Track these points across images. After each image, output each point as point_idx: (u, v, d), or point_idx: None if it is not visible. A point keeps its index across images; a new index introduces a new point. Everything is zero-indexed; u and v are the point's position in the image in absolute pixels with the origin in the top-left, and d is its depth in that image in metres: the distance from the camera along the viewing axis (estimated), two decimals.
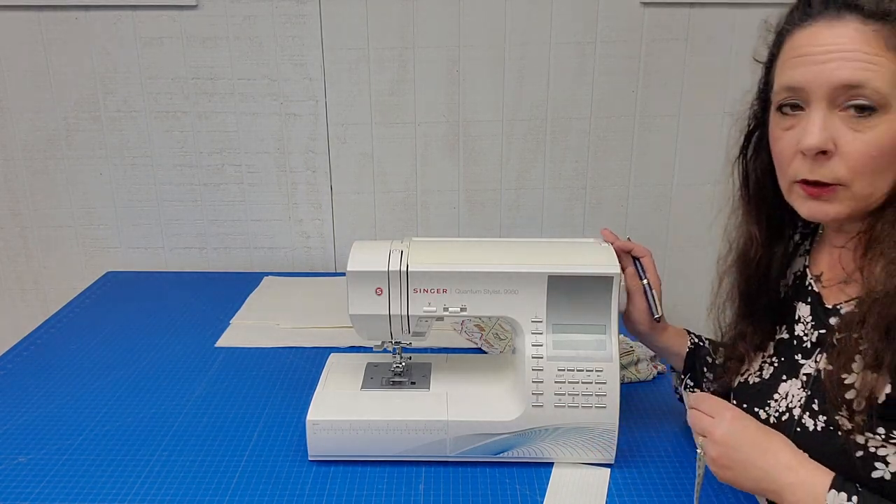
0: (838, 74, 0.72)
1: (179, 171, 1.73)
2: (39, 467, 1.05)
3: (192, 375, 1.30)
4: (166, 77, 1.66)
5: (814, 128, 0.74)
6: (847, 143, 0.73)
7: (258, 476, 1.03)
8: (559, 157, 1.75)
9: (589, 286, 1.03)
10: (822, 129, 0.74)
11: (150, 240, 1.79)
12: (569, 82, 1.70)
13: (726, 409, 0.83)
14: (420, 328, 1.08)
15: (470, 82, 1.69)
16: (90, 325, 1.49)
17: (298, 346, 1.40)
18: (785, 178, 0.80)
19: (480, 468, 1.05)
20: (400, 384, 1.11)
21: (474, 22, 1.64)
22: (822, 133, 0.74)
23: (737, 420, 0.81)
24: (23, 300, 1.83)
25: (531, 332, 1.03)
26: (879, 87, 0.71)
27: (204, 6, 1.62)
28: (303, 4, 1.62)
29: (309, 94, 1.69)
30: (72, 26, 1.62)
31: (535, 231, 1.81)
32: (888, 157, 0.73)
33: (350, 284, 1.04)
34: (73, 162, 1.72)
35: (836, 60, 0.72)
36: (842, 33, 0.72)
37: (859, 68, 0.71)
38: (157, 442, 1.11)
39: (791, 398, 0.86)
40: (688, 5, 1.64)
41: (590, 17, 1.65)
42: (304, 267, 1.82)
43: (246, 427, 1.15)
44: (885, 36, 0.71)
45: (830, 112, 0.74)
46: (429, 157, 1.75)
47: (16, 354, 1.37)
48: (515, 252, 1.06)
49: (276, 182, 1.75)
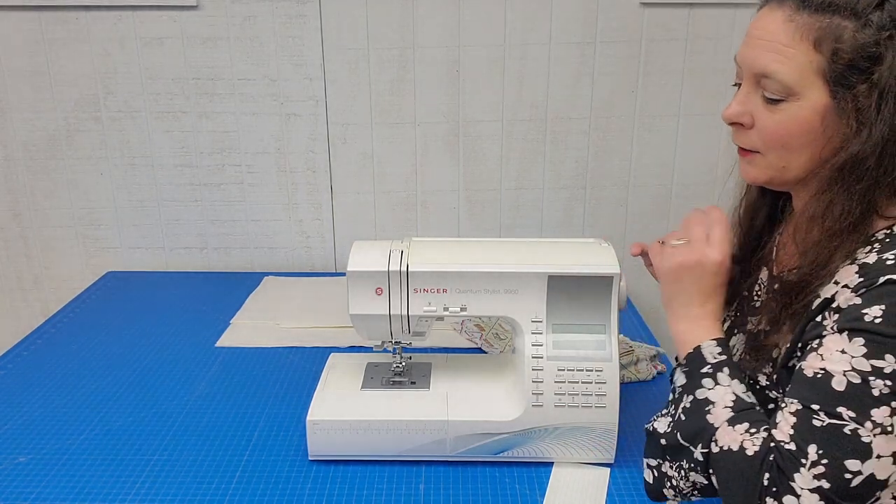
0: (756, 62, 0.78)
1: (179, 171, 1.73)
2: (39, 467, 1.05)
3: (192, 375, 1.30)
4: (167, 77, 1.66)
5: (733, 101, 0.82)
6: (761, 119, 0.80)
7: (258, 476, 1.03)
8: (559, 157, 1.75)
9: (589, 286, 1.03)
10: (739, 103, 0.81)
11: (151, 240, 1.79)
12: (569, 82, 1.70)
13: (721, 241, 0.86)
14: (420, 328, 1.08)
15: (470, 82, 1.69)
16: (90, 325, 1.49)
17: (298, 346, 1.40)
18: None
19: (480, 468, 1.05)
20: (400, 384, 1.12)
21: (474, 22, 1.64)
22: (737, 107, 0.81)
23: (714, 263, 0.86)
24: (23, 300, 1.83)
25: (531, 332, 1.03)
26: (785, 80, 0.76)
27: (204, 6, 1.62)
28: (303, 4, 1.62)
29: (309, 94, 1.69)
30: (72, 26, 1.62)
31: (535, 231, 1.81)
32: (797, 137, 0.78)
33: (350, 284, 1.04)
34: (74, 162, 1.72)
35: (758, 47, 0.78)
36: (772, 19, 0.77)
37: (772, 59, 0.76)
38: (157, 442, 1.11)
39: (736, 351, 0.93)
40: (688, 5, 1.64)
41: (590, 17, 1.65)
42: (304, 267, 1.82)
43: (246, 427, 1.15)
44: (805, 27, 0.74)
45: (755, 90, 0.80)
46: (429, 157, 1.75)
47: (16, 354, 1.37)
48: (515, 252, 1.06)
49: (276, 182, 1.75)
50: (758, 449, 0.74)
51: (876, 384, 0.68)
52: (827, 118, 0.76)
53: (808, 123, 0.77)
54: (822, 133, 0.77)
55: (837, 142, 0.76)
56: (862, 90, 0.73)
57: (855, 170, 0.75)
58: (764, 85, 0.78)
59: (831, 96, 0.75)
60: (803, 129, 0.77)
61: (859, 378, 0.69)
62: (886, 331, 0.69)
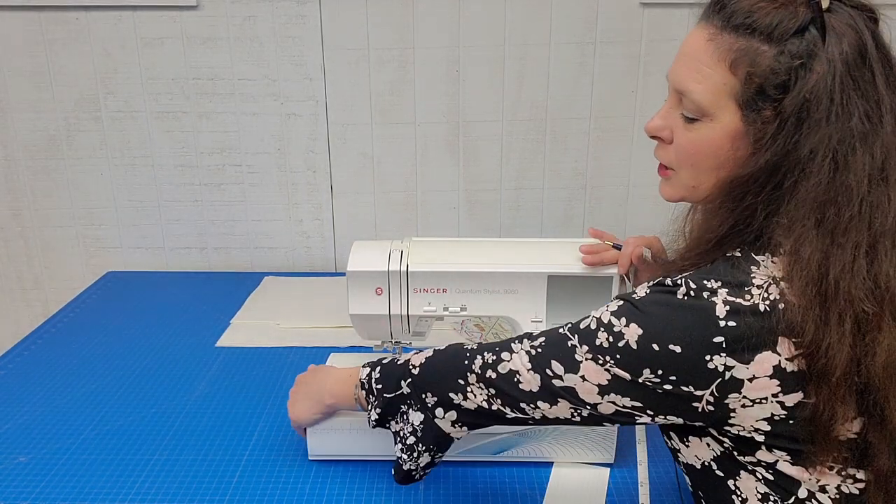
0: (676, 77, 0.78)
1: (180, 171, 1.73)
2: (39, 467, 1.05)
3: (193, 375, 1.30)
4: (167, 77, 1.66)
5: (656, 115, 0.81)
6: (678, 136, 0.79)
7: (258, 476, 1.03)
8: (559, 157, 1.75)
9: (589, 286, 1.03)
10: (661, 117, 0.81)
11: (151, 240, 1.79)
12: (569, 82, 1.70)
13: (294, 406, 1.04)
14: (420, 328, 1.08)
15: (470, 82, 1.69)
16: (90, 325, 1.49)
17: (298, 346, 1.40)
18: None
19: (480, 468, 1.05)
20: None
21: (474, 22, 1.64)
22: (659, 121, 0.81)
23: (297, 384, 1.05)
24: (23, 300, 1.83)
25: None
26: (698, 100, 0.75)
27: (204, 6, 1.62)
28: (303, 4, 1.62)
29: (309, 94, 1.69)
30: (72, 26, 1.62)
31: (535, 231, 1.81)
32: (706, 158, 0.77)
33: (350, 284, 1.04)
34: (74, 162, 1.72)
35: (682, 64, 0.77)
36: (698, 37, 0.76)
37: (690, 78, 0.75)
38: (157, 441, 1.11)
39: None
40: (687, 5, 1.64)
41: (590, 17, 1.65)
42: (304, 267, 1.82)
43: (246, 427, 1.15)
44: (723, 48, 0.73)
45: (678, 105, 0.79)
46: (429, 157, 1.75)
47: (16, 354, 1.37)
48: (515, 252, 1.06)
49: (276, 182, 1.75)
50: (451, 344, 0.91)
51: (601, 335, 0.75)
52: (737, 141, 0.74)
53: (717, 145, 0.75)
54: (731, 155, 0.75)
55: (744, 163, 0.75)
56: (767, 116, 0.71)
57: (737, 189, 0.74)
58: (683, 103, 0.77)
59: (742, 120, 0.73)
60: (713, 150, 0.76)
61: (595, 324, 0.77)
62: (636, 301, 0.75)
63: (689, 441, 0.80)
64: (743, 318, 0.69)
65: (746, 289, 0.70)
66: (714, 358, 0.70)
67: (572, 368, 0.77)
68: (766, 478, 0.75)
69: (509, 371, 0.81)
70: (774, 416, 0.71)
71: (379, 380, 0.92)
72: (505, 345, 0.84)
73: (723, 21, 0.73)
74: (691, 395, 0.72)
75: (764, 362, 0.69)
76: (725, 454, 0.77)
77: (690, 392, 0.72)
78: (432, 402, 0.87)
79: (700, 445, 0.79)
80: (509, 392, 0.81)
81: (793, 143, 0.70)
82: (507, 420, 0.84)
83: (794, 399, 0.70)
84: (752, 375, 0.69)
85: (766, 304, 0.69)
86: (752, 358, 0.69)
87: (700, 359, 0.70)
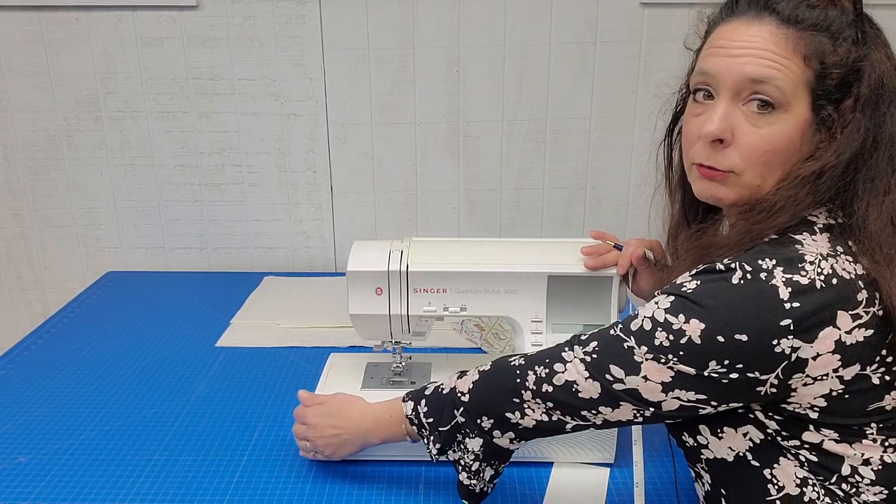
0: (747, 69, 0.76)
1: (180, 171, 1.73)
2: (39, 467, 1.05)
3: (192, 375, 1.30)
4: (167, 77, 1.66)
5: (715, 116, 0.79)
6: (744, 135, 0.78)
7: (258, 476, 1.03)
8: (559, 157, 1.75)
9: (589, 286, 1.03)
10: (722, 118, 0.78)
11: (151, 240, 1.79)
12: (569, 82, 1.70)
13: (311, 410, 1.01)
14: (420, 328, 1.08)
15: (470, 82, 1.69)
16: (90, 325, 1.49)
17: (298, 346, 1.40)
18: (687, 158, 0.86)
19: None
20: (400, 384, 1.12)
21: (474, 22, 1.64)
22: (721, 123, 0.78)
23: (318, 416, 1.00)
24: (23, 300, 1.83)
25: (531, 332, 1.03)
26: (781, 86, 0.75)
27: (204, 6, 1.62)
28: (303, 4, 1.62)
29: (309, 94, 1.69)
30: (72, 26, 1.62)
31: (535, 231, 1.81)
32: (780, 153, 0.77)
33: (350, 284, 1.04)
34: (74, 162, 1.72)
35: (747, 56, 0.77)
36: (757, 33, 0.77)
37: (766, 66, 0.76)
38: (157, 442, 1.11)
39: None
40: (687, 5, 1.63)
41: (590, 18, 1.65)
42: (304, 267, 1.82)
43: (246, 427, 1.15)
44: (795, 41, 0.75)
45: (734, 105, 0.78)
46: (429, 157, 1.75)
47: (16, 354, 1.37)
48: (515, 252, 1.06)
49: (276, 182, 1.75)
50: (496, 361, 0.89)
51: (660, 335, 0.75)
52: (805, 134, 0.77)
53: (791, 138, 0.77)
54: (799, 148, 0.77)
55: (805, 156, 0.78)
56: (847, 105, 0.75)
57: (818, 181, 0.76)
58: (759, 90, 0.76)
59: (812, 110, 0.76)
60: (786, 144, 0.77)
61: (650, 325, 0.76)
62: (691, 295, 0.74)
63: (724, 433, 0.80)
64: (805, 297, 0.71)
65: (800, 265, 0.72)
66: (781, 342, 0.71)
67: (633, 370, 0.76)
68: (810, 460, 0.76)
69: (566, 382, 0.80)
70: (832, 392, 0.73)
71: (428, 413, 0.90)
72: (555, 355, 0.82)
73: (779, 17, 0.76)
74: (756, 380, 0.73)
75: (826, 339, 0.71)
76: (766, 441, 0.78)
77: (756, 377, 0.73)
78: (489, 426, 0.86)
79: (735, 436, 0.79)
80: (569, 402, 0.80)
81: (874, 125, 0.75)
82: (567, 430, 0.84)
83: (852, 372, 0.72)
84: (816, 353, 0.71)
85: (821, 279, 0.71)
86: (815, 336, 0.71)
87: (767, 344, 0.71)
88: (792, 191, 0.77)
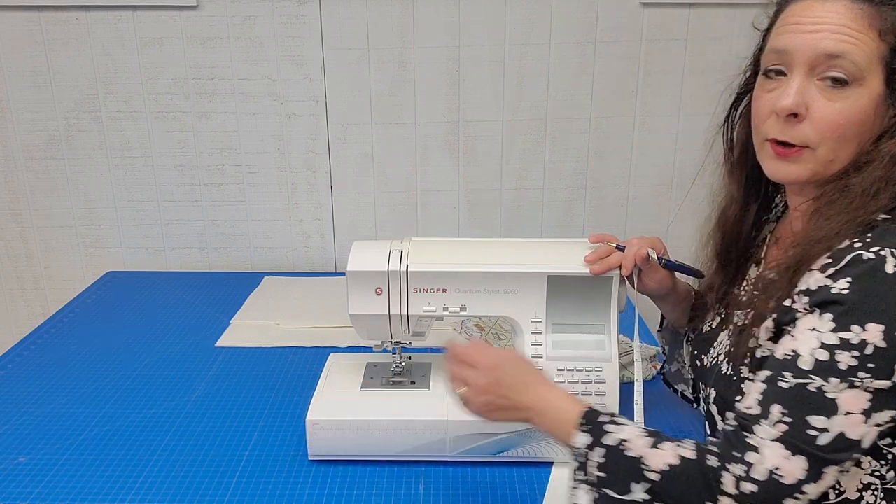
0: (822, 44, 0.77)
1: (179, 171, 1.73)
2: (39, 467, 1.05)
3: (192, 375, 1.30)
4: (166, 77, 1.66)
5: (791, 90, 0.79)
6: (818, 108, 0.78)
7: (258, 476, 1.03)
8: (559, 157, 1.75)
9: (588, 286, 1.03)
10: (798, 93, 0.79)
11: (151, 240, 1.79)
12: (569, 82, 1.70)
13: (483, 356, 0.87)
14: (420, 328, 1.08)
15: (470, 82, 1.69)
16: (90, 325, 1.49)
17: (298, 346, 1.40)
18: (758, 135, 0.85)
19: (480, 468, 1.05)
20: (400, 384, 1.11)
21: (474, 22, 1.64)
22: (797, 97, 0.78)
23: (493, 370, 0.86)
24: (23, 300, 1.83)
25: (531, 332, 1.03)
26: (857, 61, 0.76)
27: (204, 6, 1.62)
28: (303, 4, 1.62)
29: (309, 94, 1.69)
30: (72, 26, 1.62)
31: (535, 231, 1.81)
32: (854, 127, 0.78)
33: (350, 284, 1.04)
34: (74, 162, 1.72)
35: (822, 31, 0.77)
36: (831, 8, 0.77)
37: (841, 41, 0.76)
38: (157, 442, 1.11)
39: (723, 346, 0.92)
40: (687, 5, 1.64)
41: (590, 17, 1.65)
42: (304, 267, 1.82)
43: (246, 427, 1.15)
44: (870, 16, 0.76)
45: (809, 80, 0.79)
46: (429, 157, 1.75)
47: (16, 354, 1.37)
48: (515, 252, 1.06)
49: (276, 182, 1.75)
50: (696, 452, 0.74)
51: (842, 357, 0.69)
52: (879, 107, 0.77)
53: (866, 113, 0.77)
54: (872, 123, 0.78)
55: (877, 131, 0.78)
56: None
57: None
58: (834, 65, 0.76)
59: (886, 85, 0.77)
60: (860, 118, 0.77)
61: (827, 354, 0.70)
62: (851, 298, 0.70)
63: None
64: None
65: None
66: None
67: (832, 411, 0.69)
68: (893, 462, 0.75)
69: (769, 472, 0.70)
70: None
71: (603, 467, 0.76)
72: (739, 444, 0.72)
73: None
74: None
75: None
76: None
77: None
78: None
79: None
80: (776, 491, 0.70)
81: None
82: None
83: None
84: None
85: None
86: None
87: None
88: (883, 170, 0.76)
